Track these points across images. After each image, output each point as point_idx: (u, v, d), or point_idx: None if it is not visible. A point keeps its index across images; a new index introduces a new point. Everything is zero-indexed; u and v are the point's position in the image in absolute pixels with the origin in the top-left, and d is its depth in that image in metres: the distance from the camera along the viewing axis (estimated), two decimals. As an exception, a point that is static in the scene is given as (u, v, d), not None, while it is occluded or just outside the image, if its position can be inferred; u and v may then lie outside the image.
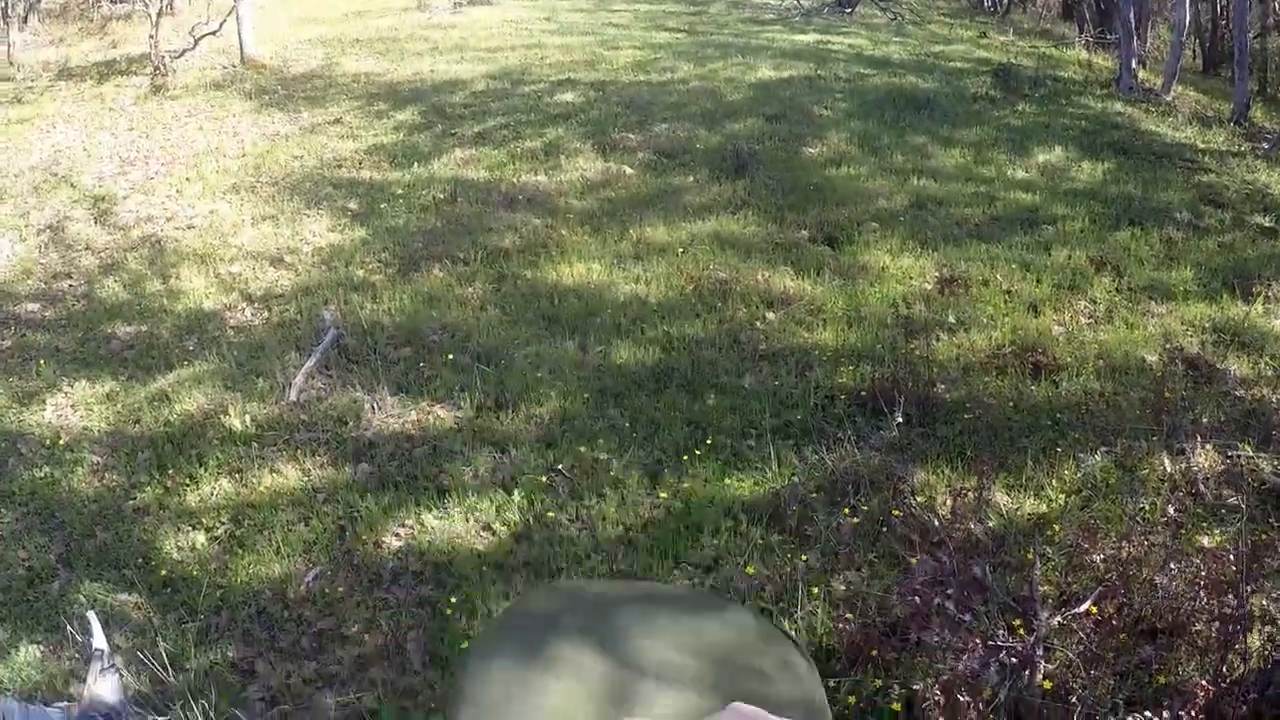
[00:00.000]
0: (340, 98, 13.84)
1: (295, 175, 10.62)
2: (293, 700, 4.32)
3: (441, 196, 9.90)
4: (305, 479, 5.70)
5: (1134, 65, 15.62)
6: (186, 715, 4.05)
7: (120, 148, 11.78)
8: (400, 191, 10.06)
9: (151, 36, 14.54)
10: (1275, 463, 5.76)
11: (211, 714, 4.05)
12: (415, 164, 10.87)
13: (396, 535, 5.25)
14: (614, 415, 6.20)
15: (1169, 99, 15.18)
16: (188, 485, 5.69)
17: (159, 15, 14.67)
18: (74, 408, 6.51)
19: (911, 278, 8.05)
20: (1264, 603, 4.46)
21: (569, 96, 13.61)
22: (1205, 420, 6.14)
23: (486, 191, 10.04)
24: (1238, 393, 6.58)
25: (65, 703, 3.97)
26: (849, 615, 4.51)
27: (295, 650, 4.60)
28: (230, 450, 5.94)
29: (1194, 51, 23.16)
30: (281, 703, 4.31)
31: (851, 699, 4.08)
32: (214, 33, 14.98)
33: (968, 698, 3.43)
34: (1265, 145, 13.15)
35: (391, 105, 13.32)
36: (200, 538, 5.30)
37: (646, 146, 11.35)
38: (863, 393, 6.30)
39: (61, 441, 6.13)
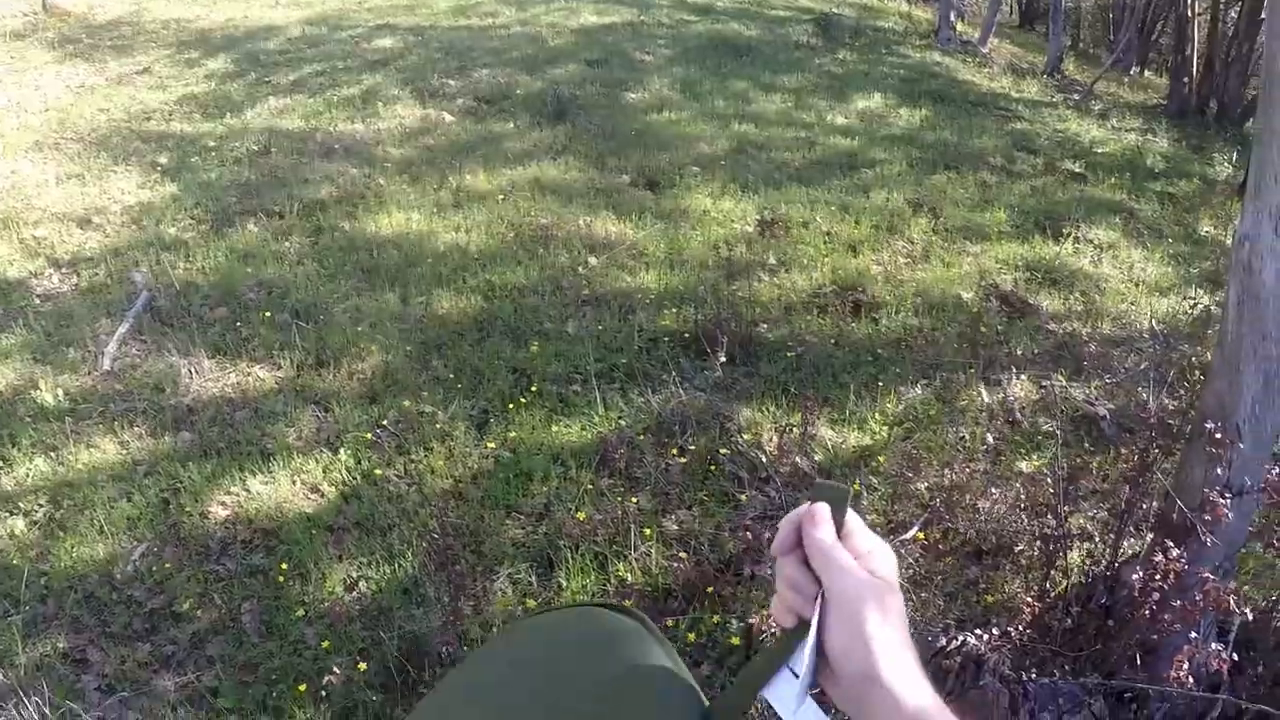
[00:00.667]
0: (149, 46, 13.30)
1: (102, 130, 10.16)
2: (130, 686, 4.19)
3: (255, 148, 9.61)
4: (124, 452, 5.49)
5: (952, 18, 16.10)
6: (20, 714, 3.90)
7: (-92, 106, 11.12)
8: (212, 144, 9.73)
9: (-62, -15, 13.73)
10: (1086, 391, 6.07)
11: (46, 709, 3.90)
12: (228, 115, 10.53)
13: (223, 504, 5.12)
14: (437, 367, 6.14)
15: (986, 51, 15.70)
16: (1, 468, 5.43)
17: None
18: None
19: (733, 221, 8.17)
20: (1081, 522, 4.70)
21: (387, 42, 13.36)
22: (1020, 352, 6.44)
23: (302, 141, 9.79)
24: (1050, 326, 6.89)
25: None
26: (683, 554, 4.58)
27: (128, 633, 4.45)
28: (44, 427, 5.67)
29: (1011, 7, 23.93)
30: (119, 690, 4.18)
31: (691, 635, 4.16)
32: (11, -21, 14.23)
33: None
34: (1076, 96, 13.72)
35: (203, 53, 12.87)
36: (19, 523, 5.05)
37: (467, 93, 11.22)
38: (686, 334, 6.37)
39: None
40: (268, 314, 6.60)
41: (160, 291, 6.89)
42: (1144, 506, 3.98)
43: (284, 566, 4.65)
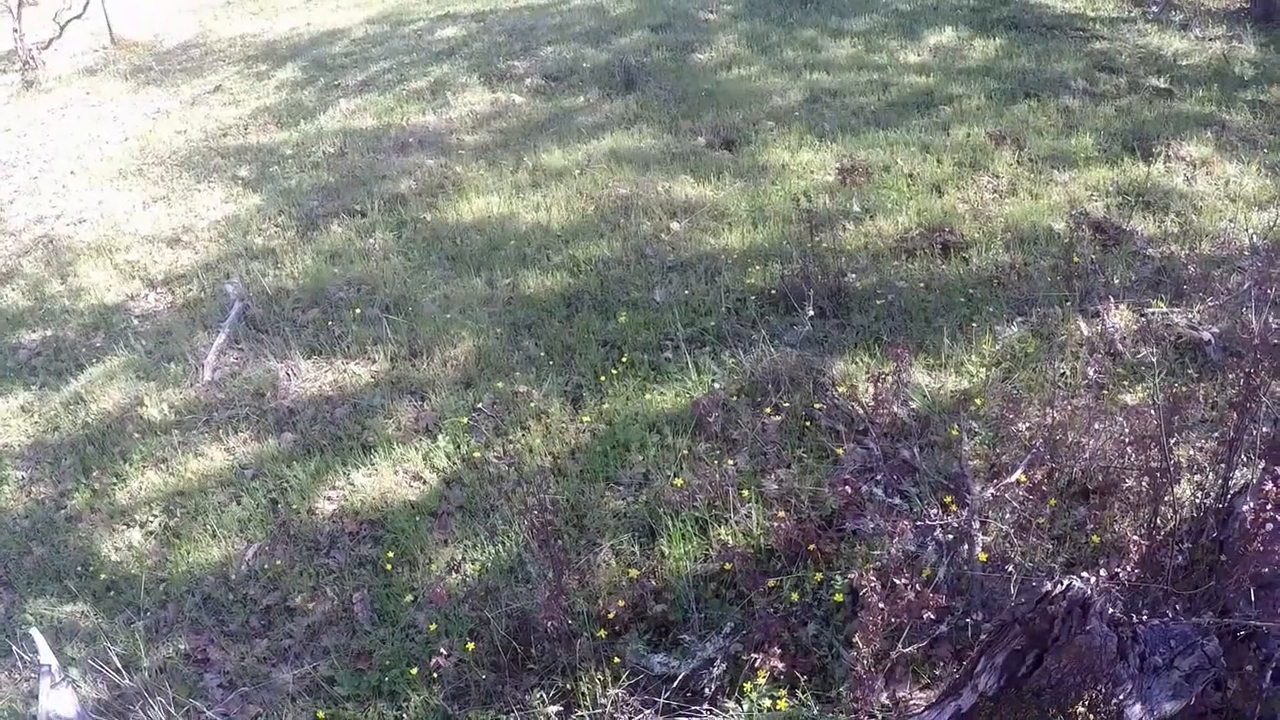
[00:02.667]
0: (218, 64, 13.54)
1: (181, 151, 10.37)
2: (250, 681, 4.31)
3: (332, 151, 9.73)
4: (231, 458, 5.62)
5: (1017, -65, 15.63)
6: (147, 715, 4.02)
7: (-1, 150, 11.45)
8: (290, 152, 9.87)
9: (15, 30, 14.05)
10: (1188, 315, 5.85)
11: (171, 709, 4.02)
12: (302, 122, 10.67)
13: (328, 499, 5.21)
14: (528, 346, 6.17)
15: (1056, -30, 15.21)
16: (115, 484, 5.59)
17: (20, 6, 14.15)
18: (-11, 425, 6.37)
19: (812, 172, 8.05)
20: (1190, 453, 4.55)
21: (451, 31, 13.41)
22: (1116, 281, 6.23)
23: (377, 139, 9.88)
24: (1146, 251, 6.66)
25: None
26: (783, 514, 4.54)
27: (245, 631, 4.57)
28: (153, 441, 5.84)
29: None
30: (239, 685, 4.30)
31: (795, 595, 4.13)
32: (79, 16, 14.50)
33: (905, 579, 3.47)
34: (1154, 8, 13.23)
35: (271, 65, 13.06)
36: (135, 535, 5.22)
37: (534, 72, 11.22)
38: (773, 291, 6.31)
39: (-18, 462, 6.00)
40: (358, 311, 6.68)
41: (253, 300, 7.02)
42: (1254, 433, 3.84)
43: (391, 555, 4.73)
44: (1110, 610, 3.04)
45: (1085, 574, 3.60)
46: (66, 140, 11.33)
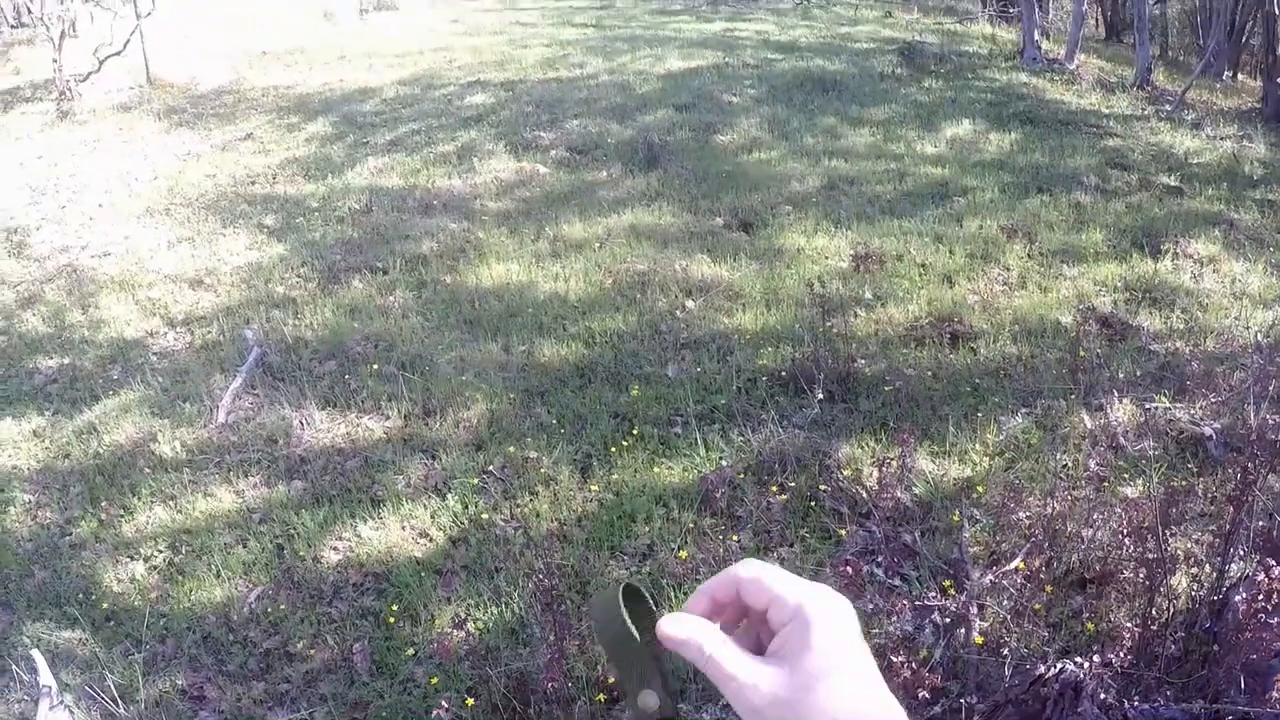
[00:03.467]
0: (251, 112, 13.76)
1: (209, 195, 10.54)
2: (244, 722, 4.35)
3: (358, 207, 9.89)
4: (239, 500, 5.68)
5: (1037, 36, 15.93)
6: (140, 747, 4.06)
7: (30, 178, 11.61)
8: (316, 204, 10.03)
9: (55, 60, 14.32)
10: (1190, 411, 5.93)
11: (164, 743, 4.06)
12: (329, 175, 10.85)
13: (335, 549, 5.27)
14: (541, 413, 6.25)
15: (1073, 67, 15.50)
16: (122, 516, 5.64)
17: (61, 38, 14.44)
18: (1, 447, 6.43)
19: (827, 257, 8.19)
20: (1187, 545, 4.62)
21: (480, 98, 13.63)
22: (1121, 375, 6.32)
23: (402, 199, 10.04)
24: (1151, 347, 6.76)
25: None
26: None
27: (243, 672, 4.60)
28: (162, 478, 5.90)
29: (1096, 20, 23.64)
30: (233, 725, 4.34)
31: (792, 672, 4.15)
32: (118, 53, 14.78)
33: (902, 658, 3.53)
34: (1167, 107, 13.47)
35: (303, 117, 13.27)
36: (139, 568, 5.27)
37: (559, 144, 11.41)
38: (784, 373, 6.40)
39: (-10, 483, 6.06)
40: (375, 366, 6.77)
41: (271, 347, 7.12)
42: (1249, 527, 3.91)
43: (394, 608, 4.76)
44: (1102, 695, 3.09)
45: (1079, 659, 3.66)
46: (97, 173, 11.51)
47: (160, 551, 5.37)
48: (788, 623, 0.80)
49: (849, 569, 4.51)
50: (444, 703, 4.03)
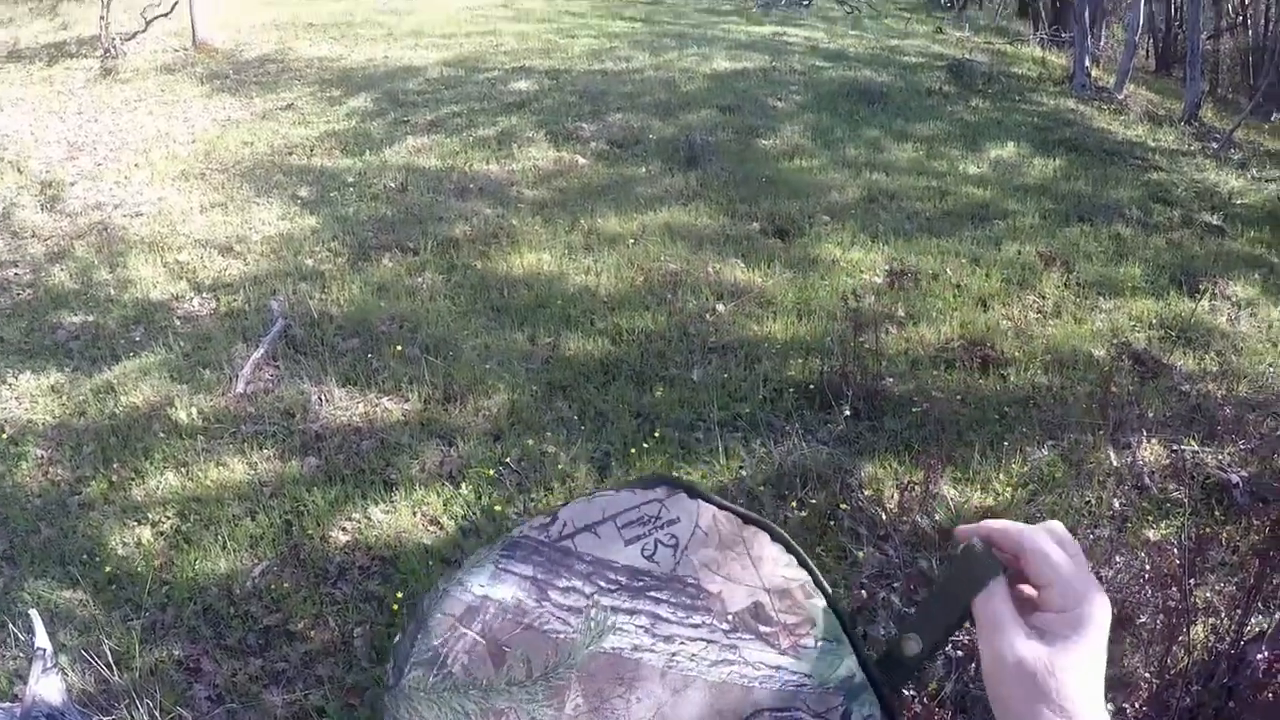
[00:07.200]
0: (293, 83, 13.75)
1: (246, 162, 10.52)
2: (239, 698, 4.27)
3: (393, 185, 9.85)
4: (252, 472, 5.63)
5: (1087, 63, 15.79)
6: (132, 715, 4.01)
7: (69, 132, 11.64)
8: (352, 179, 9.99)
9: (102, 18, 14.36)
10: (1219, 456, 5.82)
11: (157, 713, 4.00)
12: (367, 151, 10.82)
13: (343, 530, 5.21)
14: (562, 408, 6.18)
15: (1121, 97, 15.36)
16: (133, 480, 5.59)
17: (109, -4, 14.50)
18: (18, 400, 6.40)
19: (862, 271, 8.09)
20: (1207, 595, 4.52)
21: (524, 85, 13.59)
22: (1151, 415, 6.21)
23: (439, 180, 10.00)
24: (1183, 388, 6.64)
25: (8, 703, 3.92)
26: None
27: (241, 647, 4.55)
28: (176, 443, 5.86)
29: (1147, 51, 23.48)
30: (228, 701, 4.26)
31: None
32: (166, 15, 14.83)
33: (911, 691, 3.46)
34: (1214, 145, 13.33)
35: (345, 91, 13.25)
36: (146, 533, 5.23)
37: (600, 136, 11.35)
38: (811, 386, 6.31)
39: (5, 435, 6.01)
40: (399, 348, 6.72)
41: (296, 320, 7.08)
42: (1275, 581, 3.81)
43: (399, 595, 4.70)
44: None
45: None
46: (135, 133, 11.53)
47: (168, 518, 5.32)
48: (1068, 611, 0.89)
49: (864, 592, 4.44)
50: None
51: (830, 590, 0.90)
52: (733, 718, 0.80)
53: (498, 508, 5.25)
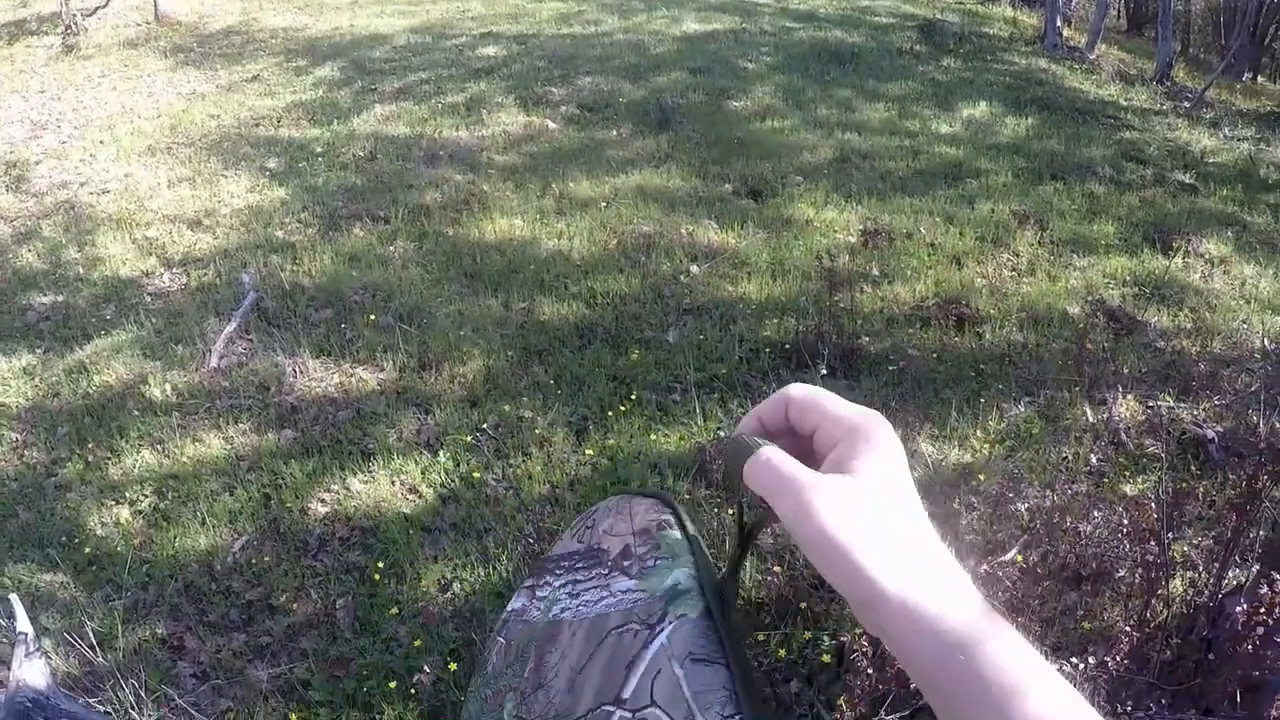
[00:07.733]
0: (258, 54, 13.61)
1: (213, 135, 10.41)
2: (224, 674, 4.26)
3: (362, 154, 9.77)
4: (228, 447, 5.60)
5: (1059, 23, 15.82)
6: (117, 695, 3.99)
7: (31, 111, 11.48)
8: (320, 150, 9.91)
9: (62, -7, 14.18)
10: (1194, 412, 5.86)
11: (142, 693, 3.99)
12: (335, 121, 10.72)
13: (322, 501, 5.19)
14: (538, 373, 6.16)
15: (1093, 57, 15.39)
16: (109, 459, 5.55)
17: (69, -30, 14.30)
18: (-10, 382, 6.36)
19: (836, 230, 8.08)
20: (1185, 549, 4.55)
21: (492, 50, 13.48)
22: (1126, 371, 6.23)
23: (408, 148, 9.92)
24: (1158, 344, 6.68)
25: (-7, 690, 3.89)
26: (777, 568, 4.52)
27: (224, 623, 4.53)
28: (151, 421, 5.82)
29: (1118, 11, 23.49)
30: (213, 677, 4.26)
31: (782, 652, 4.10)
32: (126, -11, 14.64)
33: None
34: (1186, 104, 13.37)
35: (311, 61, 13.12)
36: (124, 512, 5.19)
37: (570, 100, 11.29)
38: (787, 346, 6.31)
39: (-22, 418, 5.98)
40: (372, 317, 6.68)
41: (268, 292, 7.02)
42: (1251, 535, 3.84)
43: (380, 565, 4.69)
44: (1096, 699, 3.03)
45: (1074, 660, 3.60)
46: (99, 109, 11.38)
47: (146, 496, 5.29)
48: (840, 440, 0.76)
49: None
50: (425, 666, 3.99)
51: (688, 522, 0.93)
52: (596, 640, 0.88)
53: (476, 474, 5.24)
